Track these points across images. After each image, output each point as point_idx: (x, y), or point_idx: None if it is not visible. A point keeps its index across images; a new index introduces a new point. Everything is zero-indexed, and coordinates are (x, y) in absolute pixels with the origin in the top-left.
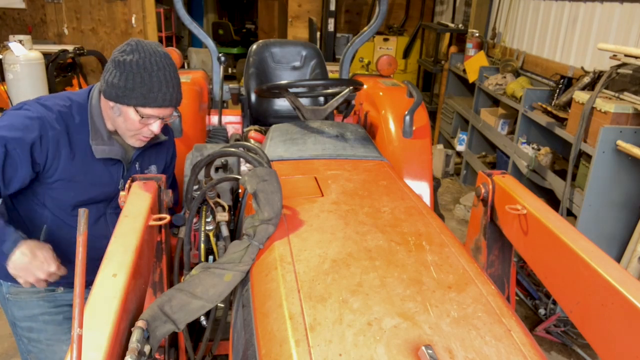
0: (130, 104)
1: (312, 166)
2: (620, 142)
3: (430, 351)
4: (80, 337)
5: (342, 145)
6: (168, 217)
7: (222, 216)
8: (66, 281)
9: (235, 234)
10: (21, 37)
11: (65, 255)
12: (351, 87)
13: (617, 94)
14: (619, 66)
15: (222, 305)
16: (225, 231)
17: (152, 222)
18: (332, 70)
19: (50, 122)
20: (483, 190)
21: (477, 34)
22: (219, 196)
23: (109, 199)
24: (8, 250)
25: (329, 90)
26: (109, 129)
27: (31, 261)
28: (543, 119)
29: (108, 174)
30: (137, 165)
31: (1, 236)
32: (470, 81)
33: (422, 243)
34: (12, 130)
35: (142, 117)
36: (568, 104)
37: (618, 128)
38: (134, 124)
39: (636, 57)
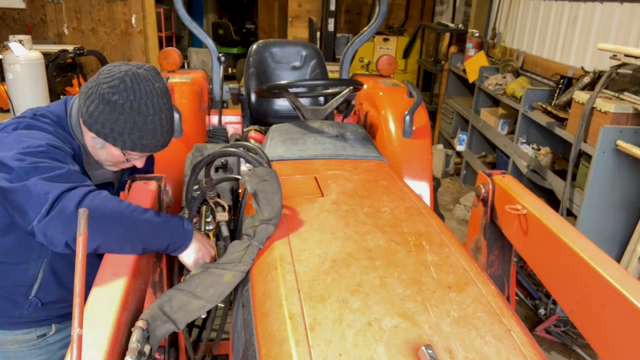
0: (116, 146)
1: (312, 166)
2: (620, 142)
3: (430, 351)
4: (80, 337)
5: (342, 145)
6: None
7: (222, 216)
8: (57, 314)
9: (235, 234)
10: (21, 37)
11: (68, 288)
12: (351, 87)
13: (617, 94)
14: (619, 66)
15: (222, 305)
16: (225, 231)
17: None
18: (332, 70)
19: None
20: (483, 190)
21: (477, 34)
22: (219, 196)
23: None
24: (191, 236)
25: (329, 90)
26: None
27: (204, 240)
28: (543, 119)
29: None
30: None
31: (180, 225)
32: (470, 81)
33: (422, 243)
34: (51, 140)
35: (127, 160)
36: (568, 104)
37: (618, 128)
38: (116, 158)
39: (636, 57)
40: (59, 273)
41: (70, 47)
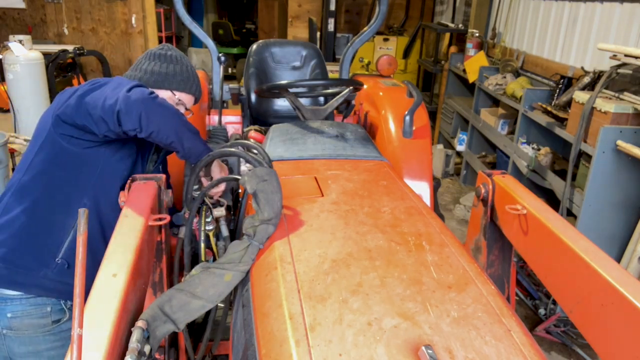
0: (170, 88)
1: (312, 166)
2: (620, 142)
3: (430, 351)
4: (80, 337)
5: (342, 145)
6: (168, 217)
7: (219, 211)
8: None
9: (235, 234)
10: (21, 37)
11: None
12: (351, 87)
13: (617, 94)
14: (619, 66)
15: (222, 305)
16: (225, 231)
17: (152, 222)
18: (332, 70)
19: None
20: (483, 190)
21: (477, 34)
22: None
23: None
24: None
25: (329, 90)
26: None
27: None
28: (543, 119)
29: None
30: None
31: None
32: (470, 81)
33: (422, 243)
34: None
35: (177, 102)
36: (568, 104)
37: (618, 128)
38: None
39: (636, 57)
40: (91, 232)
41: (70, 47)
